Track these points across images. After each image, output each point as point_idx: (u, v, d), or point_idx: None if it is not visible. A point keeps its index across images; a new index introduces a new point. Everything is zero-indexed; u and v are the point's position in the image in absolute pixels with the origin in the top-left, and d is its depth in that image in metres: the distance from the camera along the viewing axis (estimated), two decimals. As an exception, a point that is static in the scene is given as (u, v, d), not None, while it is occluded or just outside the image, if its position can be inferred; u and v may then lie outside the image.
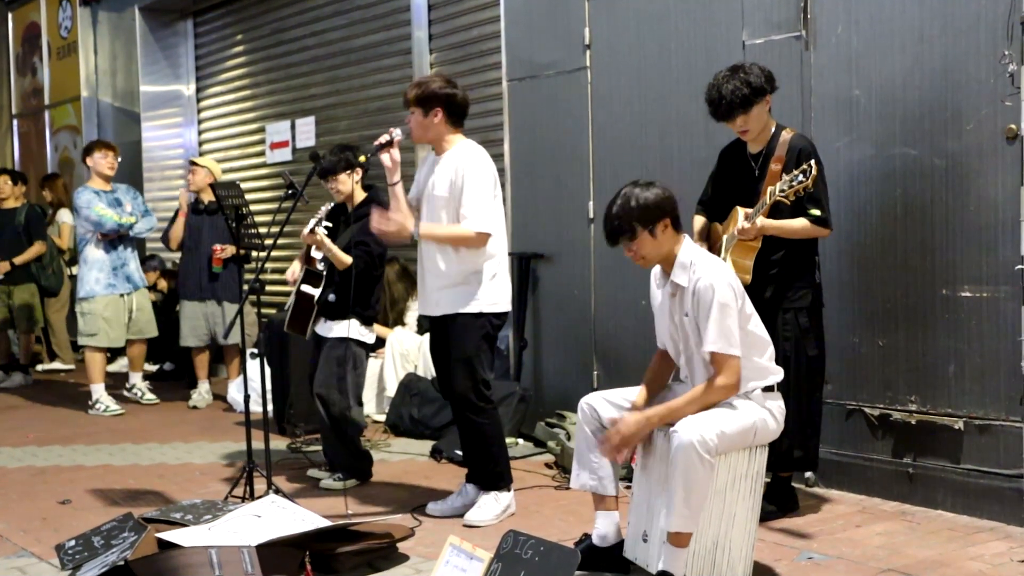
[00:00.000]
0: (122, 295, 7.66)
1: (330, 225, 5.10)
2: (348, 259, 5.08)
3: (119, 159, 7.82)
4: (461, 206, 4.50)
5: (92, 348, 7.64)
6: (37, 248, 9.00)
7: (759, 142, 4.50)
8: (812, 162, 4.16)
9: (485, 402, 4.63)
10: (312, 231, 5.04)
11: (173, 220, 7.78)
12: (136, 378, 8.04)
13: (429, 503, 4.79)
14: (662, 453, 3.62)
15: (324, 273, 5.15)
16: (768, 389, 3.72)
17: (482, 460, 4.68)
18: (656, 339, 3.97)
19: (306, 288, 5.18)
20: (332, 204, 5.32)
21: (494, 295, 4.61)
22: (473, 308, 4.56)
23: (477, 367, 4.58)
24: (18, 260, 8.88)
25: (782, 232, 4.35)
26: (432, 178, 4.62)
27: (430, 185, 4.62)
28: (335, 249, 5.06)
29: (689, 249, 3.73)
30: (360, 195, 5.31)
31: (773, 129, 4.50)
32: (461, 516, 4.63)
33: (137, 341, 7.92)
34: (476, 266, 4.56)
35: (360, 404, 5.41)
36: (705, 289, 3.59)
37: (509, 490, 4.70)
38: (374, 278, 5.26)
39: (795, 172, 4.18)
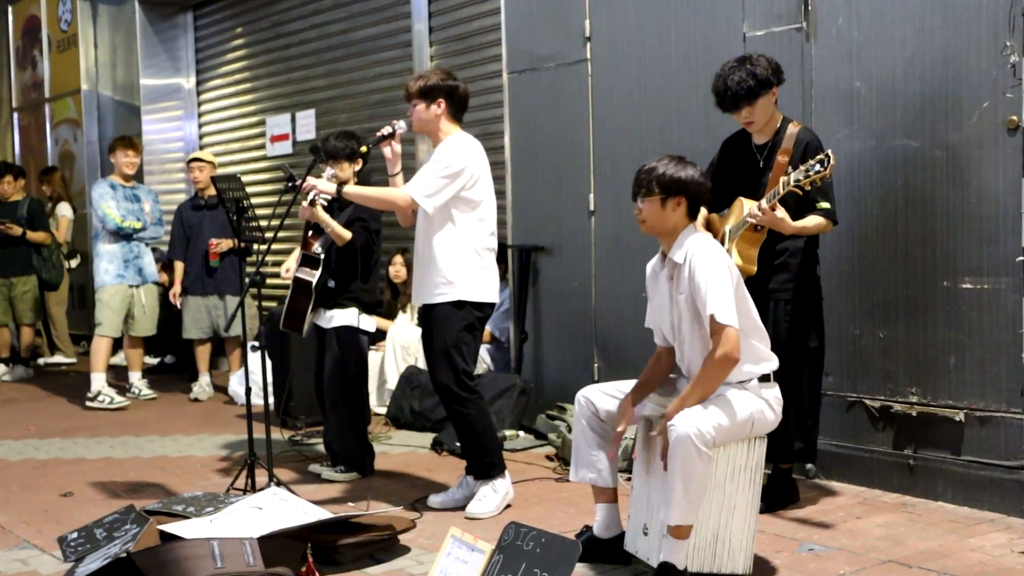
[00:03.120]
0: (131, 286, 7.70)
1: (328, 198, 5.07)
2: (347, 233, 5.08)
3: (140, 157, 8.03)
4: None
5: (99, 336, 7.68)
6: (43, 235, 9.06)
7: (765, 133, 4.50)
8: (830, 152, 4.13)
9: (468, 392, 4.63)
10: (312, 203, 5.01)
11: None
12: (135, 377, 7.99)
13: (430, 495, 4.80)
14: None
15: (322, 257, 5.13)
16: (764, 379, 3.73)
17: (472, 451, 4.69)
18: (654, 336, 3.96)
19: (303, 274, 5.15)
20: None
21: (477, 285, 4.60)
22: (452, 297, 4.57)
23: (456, 357, 4.58)
24: (30, 236, 8.94)
25: (802, 232, 4.35)
26: None
27: None
28: (334, 223, 5.05)
29: (691, 232, 3.73)
30: (352, 181, 5.30)
31: (779, 122, 4.49)
32: (462, 508, 4.64)
33: (133, 339, 7.89)
34: (451, 257, 4.56)
35: (367, 394, 5.46)
36: (699, 264, 3.59)
37: (504, 476, 4.71)
38: (372, 259, 5.26)
39: (811, 162, 4.13)
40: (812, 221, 4.34)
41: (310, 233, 5.21)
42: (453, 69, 7.06)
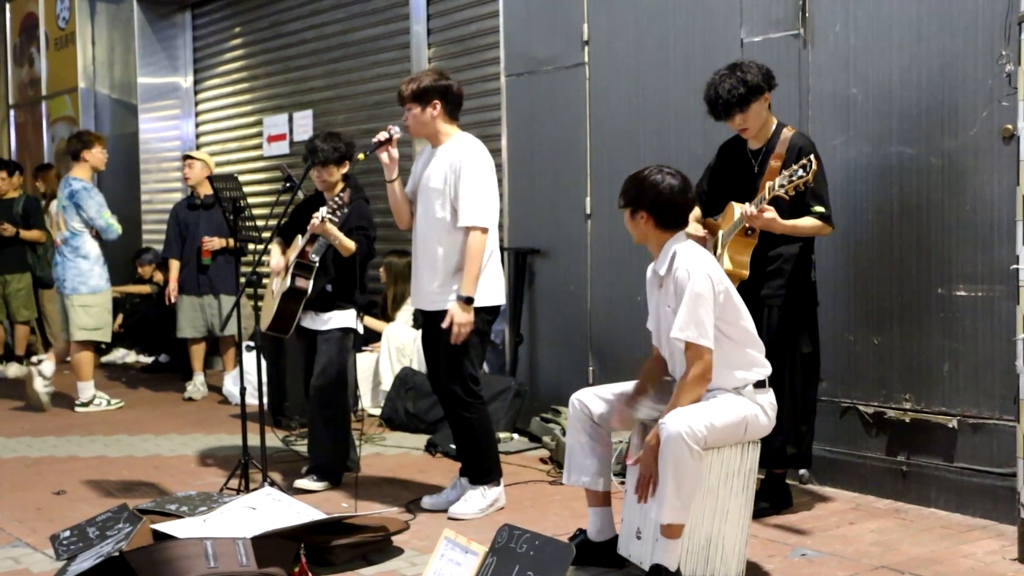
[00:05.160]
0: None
1: (336, 220, 4.98)
2: (353, 245, 5.02)
3: None
4: (457, 201, 4.50)
5: (88, 344, 7.46)
6: (38, 233, 8.99)
7: (759, 139, 4.51)
8: (812, 156, 4.15)
9: (473, 397, 4.63)
10: (323, 220, 4.94)
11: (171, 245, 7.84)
12: (90, 387, 7.54)
13: (424, 497, 4.80)
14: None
15: (316, 264, 5.09)
16: (759, 385, 3.73)
17: (469, 455, 4.69)
18: (652, 337, 3.98)
19: (298, 282, 5.06)
20: (340, 196, 5.18)
21: (485, 290, 4.60)
22: None
23: (465, 362, 4.58)
24: (24, 235, 8.81)
25: (794, 231, 4.35)
26: (428, 171, 4.64)
27: (425, 178, 4.64)
28: (343, 237, 4.98)
29: (676, 241, 3.74)
30: (340, 184, 5.23)
31: (774, 126, 4.50)
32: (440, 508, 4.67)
33: (91, 344, 7.55)
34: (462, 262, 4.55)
35: (357, 395, 5.42)
36: (682, 278, 3.61)
37: (498, 485, 4.71)
38: (366, 264, 5.24)
39: (794, 167, 4.15)
40: (806, 222, 4.35)
41: (307, 241, 5.16)
42: (450, 71, 7.09)
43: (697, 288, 3.57)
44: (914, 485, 4.66)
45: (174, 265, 7.79)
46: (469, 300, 4.48)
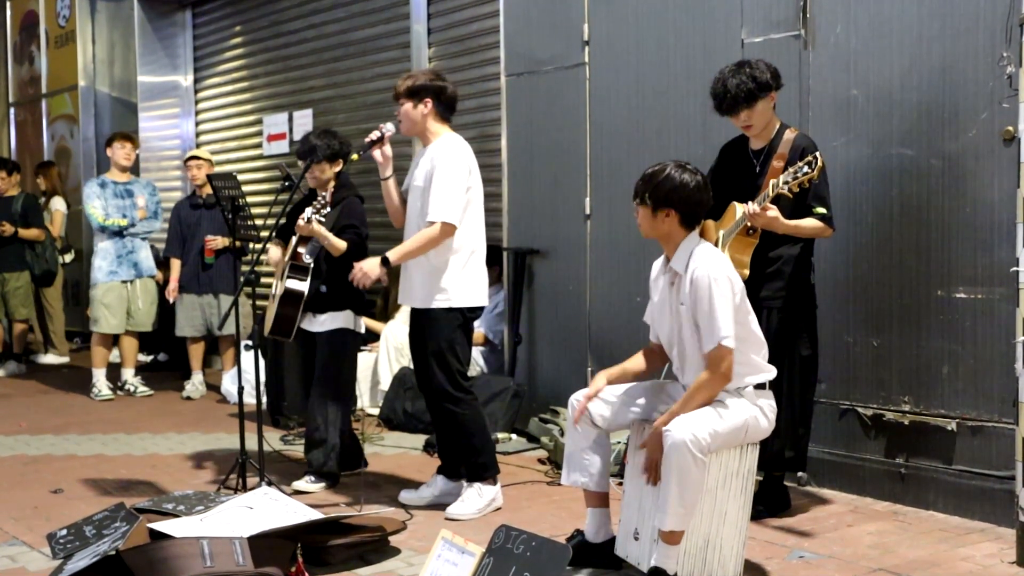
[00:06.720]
0: (124, 282, 7.77)
1: (323, 220, 4.97)
2: (343, 245, 5.00)
3: (137, 151, 8.10)
4: (429, 196, 4.54)
5: (95, 333, 7.81)
6: (37, 231, 9.01)
7: (762, 139, 4.50)
8: (817, 153, 4.14)
9: (463, 392, 4.64)
10: (309, 221, 4.94)
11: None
12: (128, 374, 8.03)
13: (402, 491, 4.81)
14: (655, 451, 3.62)
15: (311, 266, 5.06)
16: (760, 387, 3.73)
17: (464, 452, 4.69)
18: (649, 333, 3.97)
19: (293, 284, 5.01)
20: (323, 195, 5.17)
21: (467, 290, 4.63)
22: (444, 304, 4.59)
23: (451, 359, 4.61)
24: (22, 233, 8.86)
25: (796, 231, 4.34)
26: (416, 170, 4.70)
27: (413, 177, 4.71)
28: (331, 237, 4.96)
29: (693, 240, 3.73)
30: (333, 182, 5.20)
31: (776, 127, 4.49)
32: (433, 507, 4.66)
33: (129, 334, 7.93)
34: (448, 259, 4.58)
35: (355, 397, 5.41)
36: (702, 278, 3.59)
37: (495, 483, 4.71)
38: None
39: (799, 164, 4.14)
40: (807, 223, 4.34)
41: (298, 243, 5.14)
42: (451, 71, 7.10)
43: (721, 291, 3.57)
44: (913, 488, 4.65)
45: (175, 264, 7.80)
46: (386, 261, 4.58)
